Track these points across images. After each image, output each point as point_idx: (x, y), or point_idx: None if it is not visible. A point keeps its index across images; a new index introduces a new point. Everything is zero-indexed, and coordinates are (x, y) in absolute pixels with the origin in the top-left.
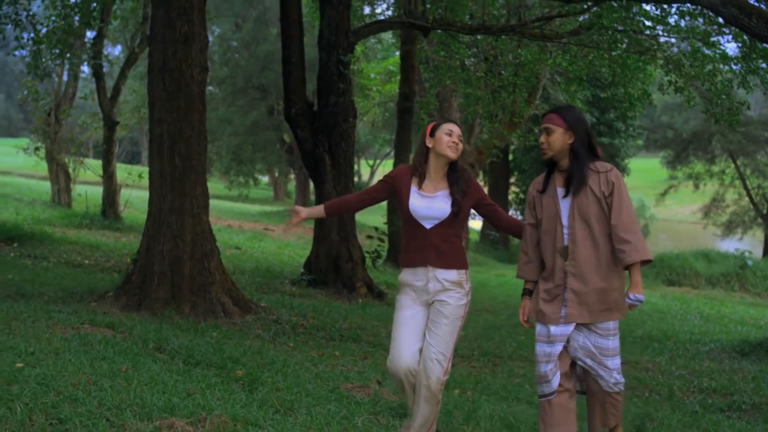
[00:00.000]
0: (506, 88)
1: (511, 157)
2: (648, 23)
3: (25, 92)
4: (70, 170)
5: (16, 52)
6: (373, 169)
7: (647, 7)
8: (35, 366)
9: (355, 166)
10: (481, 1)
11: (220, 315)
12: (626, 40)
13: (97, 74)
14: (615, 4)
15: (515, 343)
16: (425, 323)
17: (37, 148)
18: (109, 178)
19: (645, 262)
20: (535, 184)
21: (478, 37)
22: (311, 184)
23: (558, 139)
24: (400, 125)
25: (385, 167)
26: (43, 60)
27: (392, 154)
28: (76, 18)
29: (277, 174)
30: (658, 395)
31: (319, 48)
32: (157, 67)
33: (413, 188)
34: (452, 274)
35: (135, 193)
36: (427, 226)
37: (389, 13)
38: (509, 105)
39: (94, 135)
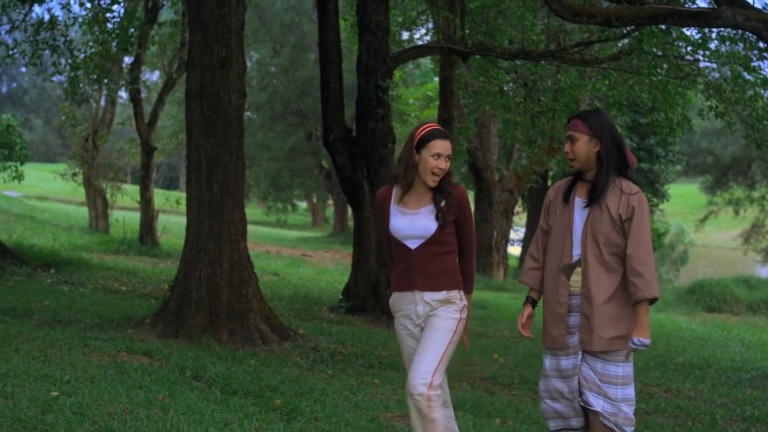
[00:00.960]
0: (545, 114)
1: (549, 182)
2: (689, 48)
3: (63, 118)
4: (108, 196)
5: (54, 78)
6: None
7: (688, 32)
8: (71, 395)
9: None
10: (520, 26)
11: (257, 342)
12: (666, 65)
13: (135, 100)
14: (655, 29)
15: None
16: None
17: (74, 174)
18: (146, 203)
19: (651, 301)
20: (556, 188)
21: (517, 62)
22: (349, 210)
23: (582, 147)
24: None
25: None
26: (81, 85)
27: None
28: (114, 44)
29: (315, 200)
30: (701, 424)
31: (357, 73)
32: (194, 92)
33: (393, 206)
34: (440, 295)
35: (173, 219)
36: (412, 246)
37: (428, 38)
38: (548, 131)
39: (132, 160)
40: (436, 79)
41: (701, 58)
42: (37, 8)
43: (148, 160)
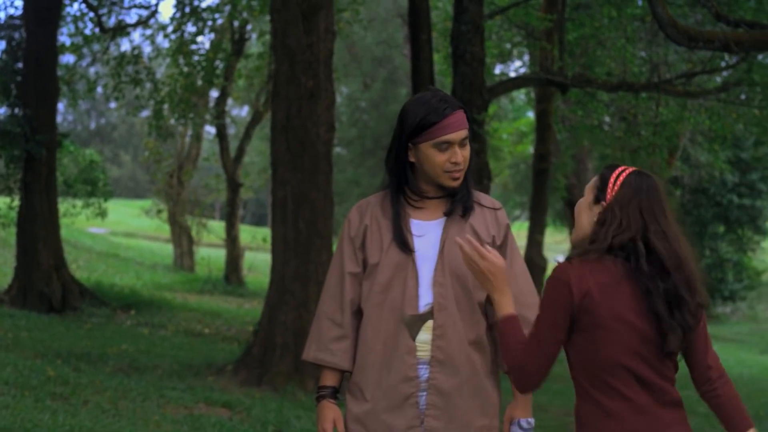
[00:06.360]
0: (645, 149)
1: None
2: None
3: (146, 153)
4: (193, 233)
5: (143, 114)
6: None
7: None
8: None
9: None
10: (620, 57)
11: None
12: None
13: (221, 135)
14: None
15: None
16: None
17: (159, 211)
18: (232, 241)
19: None
20: (363, 209)
21: (616, 95)
22: None
23: (468, 151)
24: (536, 187)
25: (519, 230)
26: (165, 116)
27: (524, 216)
28: (199, 76)
29: None
30: None
31: None
32: (280, 125)
33: None
34: None
35: (260, 257)
36: None
37: (523, 71)
38: (648, 166)
39: (220, 197)
40: (530, 113)
41: None
42: (120, 41)
43: (234, 196)
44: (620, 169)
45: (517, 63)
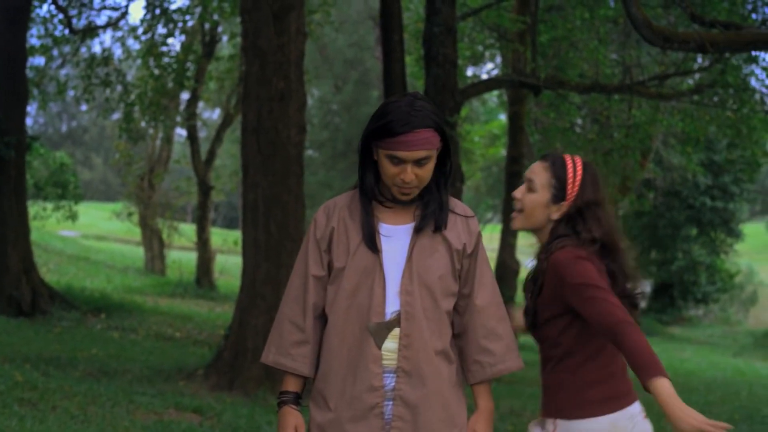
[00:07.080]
0: (618, 151)
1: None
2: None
3: (117, 156)
4: (164, 236)
5: (115, 116)
6: None
7: None
8: None
9: None
10: (593, 59)
11: None
12: (747, 99)
13: (192, 137)
14: (738, 61)
15: None
16: None
17: (130, 213)
18: (203, 244)
19: None
20: (329, 210)
21: (589, 97)
22: None
23: (431, 168)
24: (508, 190)
25: (491, 233)
26: (135, 119)
27: (496, 219)
28: (170, 79)
29: None
30: None
31: None
32: (251, 127)
33: None
34: None
35: (231, 260)
36: None
37: (495, 73)
38: (621, 169)
39: (192, 200)
40: (502, 116)
41: None
42: (90, 42)
43: (205, 199)
44: (570, 166)
45: (490, 65)
